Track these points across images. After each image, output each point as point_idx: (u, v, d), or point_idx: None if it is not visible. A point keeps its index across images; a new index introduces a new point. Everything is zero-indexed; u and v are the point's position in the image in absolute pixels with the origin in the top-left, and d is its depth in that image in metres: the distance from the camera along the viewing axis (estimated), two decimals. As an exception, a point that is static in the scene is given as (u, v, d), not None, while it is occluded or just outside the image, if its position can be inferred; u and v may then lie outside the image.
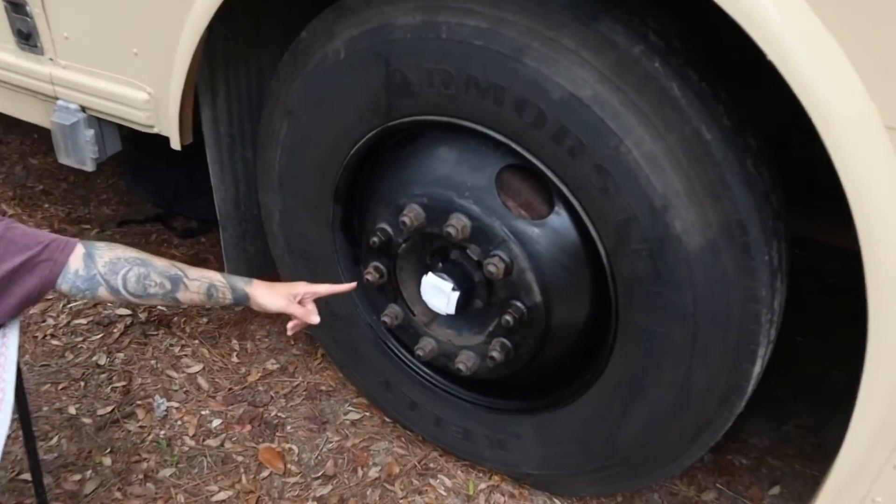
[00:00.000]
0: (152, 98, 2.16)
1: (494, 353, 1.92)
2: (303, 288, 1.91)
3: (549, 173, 1.71)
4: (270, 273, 2.82)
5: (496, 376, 2.05)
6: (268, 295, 1.86)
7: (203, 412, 2.50)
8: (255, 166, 2.32)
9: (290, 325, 1.92)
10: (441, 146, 1.90)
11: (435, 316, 2.10)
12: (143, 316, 2.85)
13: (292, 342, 2.79)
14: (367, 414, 2.52)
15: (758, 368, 1.70)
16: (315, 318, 1.90)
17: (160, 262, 1.78)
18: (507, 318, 1.83)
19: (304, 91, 1.99)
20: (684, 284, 1.63)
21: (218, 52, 2.20)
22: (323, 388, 2.61)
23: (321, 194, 2.15)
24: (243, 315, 2.89)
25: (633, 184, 1.58)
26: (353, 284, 1.98)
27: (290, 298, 1.87)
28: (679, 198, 1.56)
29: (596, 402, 1.94)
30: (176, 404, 2.52)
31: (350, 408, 2.54)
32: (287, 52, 2.00)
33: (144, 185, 3.31)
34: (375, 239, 1.97)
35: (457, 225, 1.81)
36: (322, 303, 2.34)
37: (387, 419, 2.49)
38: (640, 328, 1.74)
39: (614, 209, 1.64)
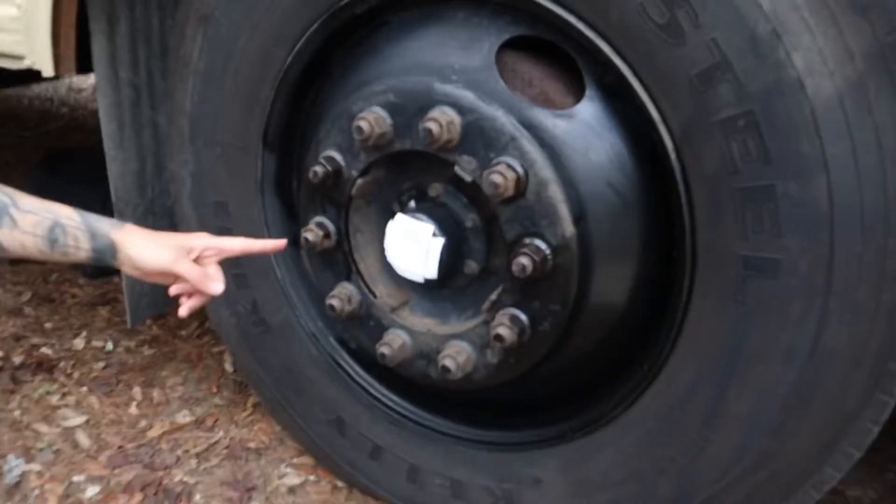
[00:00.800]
0: (22, 14, 1.58)
1: (502, 330, 1.24)
2: (202, 240, 1.25)
3: (579, 25, 1.12)
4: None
5: (502, 381, 1.34)
6: (145, 244, 1.20)
7: (75, 478, 1.73)
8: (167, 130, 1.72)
9: (173, 288, 1.24)
10: (413, 31, 1.32)
11: (406, 299, 1.43)
12: (17, 359, 2.12)
13: (215, 389, 2.06)
14: (312, 477, 1.76)
15: (937, 309, 1.05)
16: (215, 286, 1.23)
17: None
18: (523, 261, 1.17)
19: (225, -21, 1.43)
20: (813, 165, 1.01)
21: (118, -38, 1.65)
22: (251, 444, 1.86)
23: (246, 137, 1.53)
24: (153, 359, 2.17)
25: (721, 3, 1.00)
26: (282, 242, 1.33)
27: (180, 252, 1.21)
28: (798, 16, 0.97)
29: (661, 407, 1.24)
30: (37, 467, 1.75)
31: (287, 469, 1.79)
32: (204, -62, 1.46)
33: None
34: (319, 170, 1.33)
35: (440, 119, 1.19)
36: (246, 309, 1.68)
37: (339, 483, 1.74)
38: (736, 259, 1.10)
39: (688, 57, 1.04)
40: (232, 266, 1.65)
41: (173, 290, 1.24)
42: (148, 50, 1.78)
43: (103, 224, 1.20)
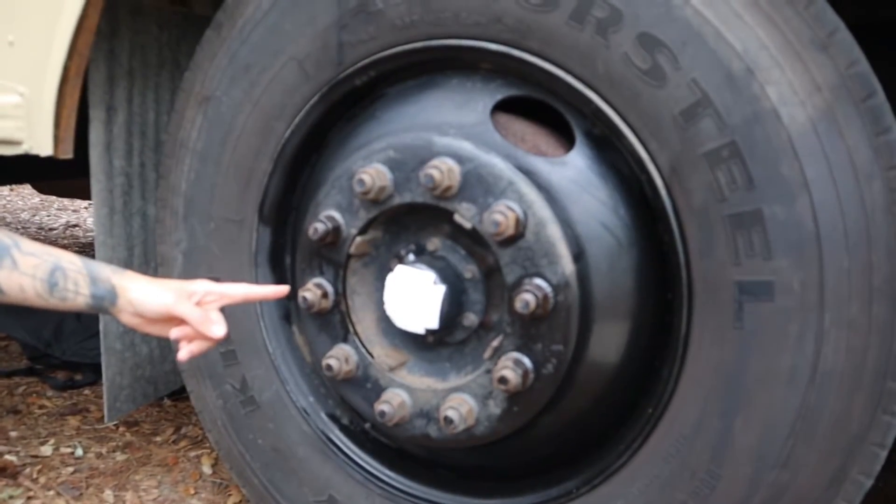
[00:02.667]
0: (24, 101, 1.64)
1: (506, 373, 1.24)
2: (203, 285, 1.26)
3: (568, 78, 1.22)
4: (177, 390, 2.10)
5: (504, 434, 1.32)
6: (147, 287, 1.21)
7: (40, 583, 1.60)
8: (155, 220, 1.75)
9: (174, 331, 1.22)
10: (409, 98, 1.41)
11: (403, 360, 1.43)
12: (-23, 466, 1.99)
13: (193, 491, 1.96)
14: (301, 571, 1.65)
15: (927, 321, 1.09)
16: (217, 329, 1.22)
17: None
18: (526, 297, 1.20)
19: (228, 62, 1.52)
20: (795, 187, 1.08)
21: (121, 57, 1.74)
22: (233, 543, 1.76)
23: (242, 210, 1.57)
24: (126, 464, 2.06)
25: (698, 47, 1.11)
26: (284, 288, 1.33)
27: (182, 294, 1.21)
28: (768, 54, 1.09)
29: (668, 449, 1.23)
30: (-2, 574, 1.61)
31: (274, 564, 1.67)
32: (209, 28, 1.57)
33: (19, 321, 2.60)
34: (319, 226, 1.36)
35: (441, 167, 1.25)
36: (234, 387, 1.64)
37: (330, 576, 1.63)
38: (731, 285, 1.14)
39: (670, 98, 1.14)
40: (221, 343, 1.63)
41: (174, 334, 1.22)
42: (142, 141, 1.84)
43: (104, 269, 1.20)
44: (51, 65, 1.58)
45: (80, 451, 2.11)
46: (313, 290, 1.42)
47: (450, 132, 1.29)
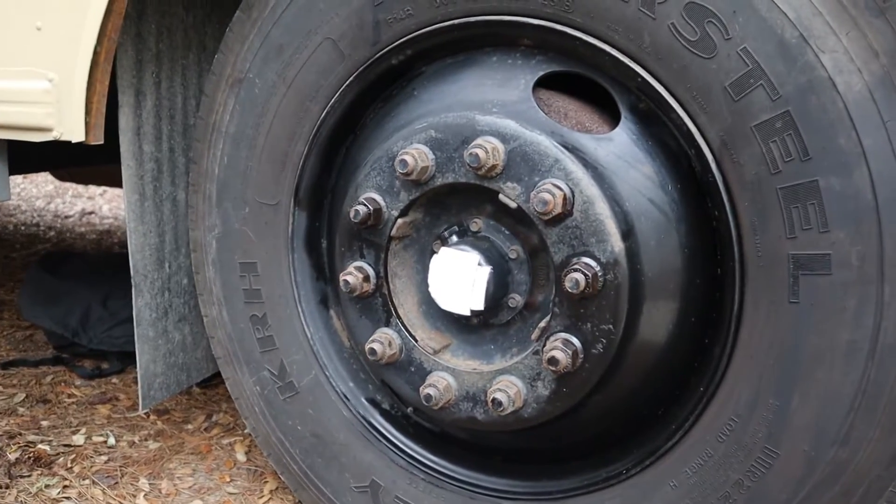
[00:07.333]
0: (54, 87, 1.62)
1: (556, 353, 1.22)
2: None
3: (613, 52, 1.20)
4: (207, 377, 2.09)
5: (553, 415, 1.31)
6: None
7: (83, 571, 1.60)
8: (186, 205, 1.73)
9: None
10: (448, 76, 1.39)
11: (447, 343, 1.42)
12: (12, 455, 1.99)
13: (228, 479, 1.95)
14: (342, 556, 1.65)
15: None
16: None
17: None
18: (576, 277, 1.18)
19: (260, 43, 1.50)
20: (852, 157, 1.06)
21: (149, 40, 1.73)
22: (272, 528, 1.75)
23: (277, 195, 1.55)
24: (159, 452, 2.06)
25: (749, 16, 1.08)
26: None
27: None
28: (822, 20, 1.06)
29: (722, 428, 1.22)
30: (40, 563, 1.62)
31: (315, 549, 1.67)
32: (239, 10, 1.55)
33: (45, 309, 2.59)
34: (360, 209, 1.35)
35: (485, 146, 1.23)
36: (272, 373, 1.63)
37: (372, 560, 1.63)
38: (785, 259, 1.12)
39: (721, 68, 1.11)
40: (258, 328, 1.63)
41: None
42: (171, 126, 1.83)
43: None
44: (81, 49, 1.56)
45: (112, 440, 2.11)
46: (354, 274, 1.40)
47: (492, 110, 1.27)
